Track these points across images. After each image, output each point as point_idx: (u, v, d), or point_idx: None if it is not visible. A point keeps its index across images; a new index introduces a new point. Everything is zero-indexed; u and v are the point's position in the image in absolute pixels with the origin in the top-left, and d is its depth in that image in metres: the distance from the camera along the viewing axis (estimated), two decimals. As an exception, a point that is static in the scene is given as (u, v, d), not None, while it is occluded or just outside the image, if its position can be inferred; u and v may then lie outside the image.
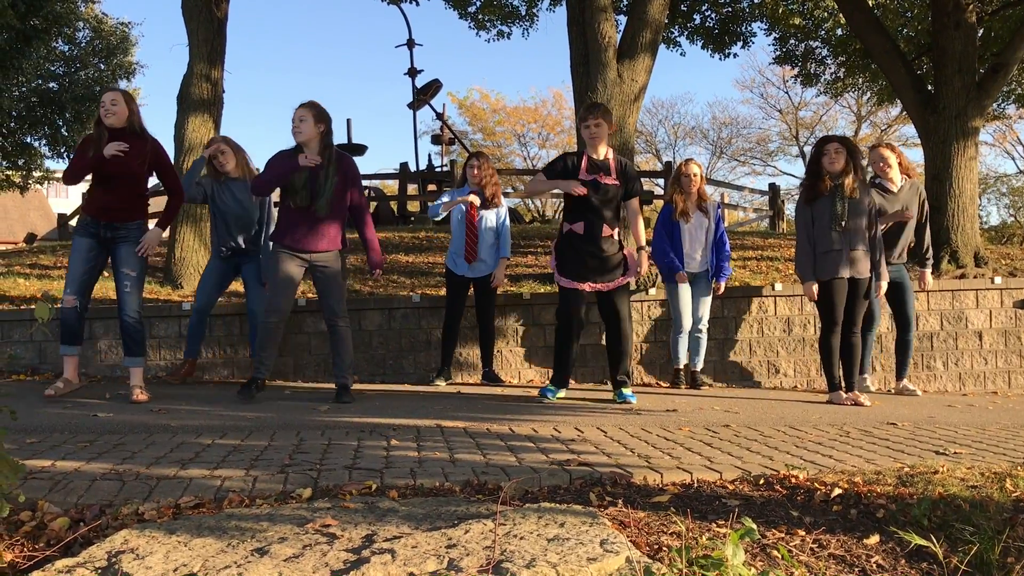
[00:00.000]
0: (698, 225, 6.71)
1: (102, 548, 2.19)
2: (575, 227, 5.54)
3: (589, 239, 5.51)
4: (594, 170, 5.52)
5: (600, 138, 5.53)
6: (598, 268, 5.52)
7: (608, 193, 5.53)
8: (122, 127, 5.21)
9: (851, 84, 15.85)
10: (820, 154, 5.86)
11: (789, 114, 38.18)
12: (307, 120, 5.23)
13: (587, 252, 5.51)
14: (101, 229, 5.27)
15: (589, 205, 5.50)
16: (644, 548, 2.33)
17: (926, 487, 3.00)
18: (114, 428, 4.16)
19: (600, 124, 5.49)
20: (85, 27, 18.56)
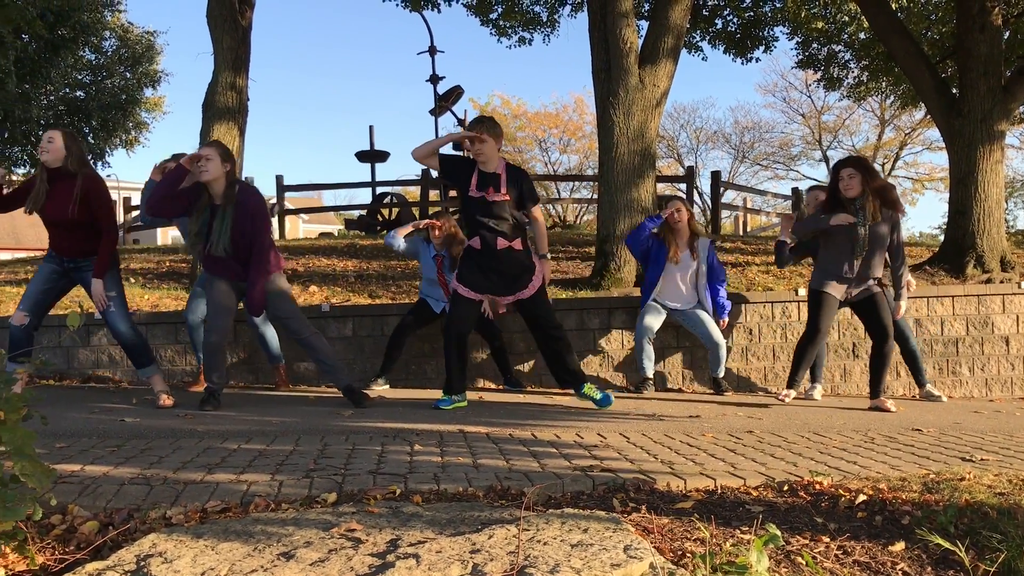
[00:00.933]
0: (685, 266, 6.60)
1: (131, 552, 2.22)
2: (472, 242, 5.42)
3: (487, 254, 5.35)
4: (483, 185, 5.34)
5: (486, 154, 5.31)
6: (494, 283, 5.38)
7: (498, 209, 5.33)
8: (57, 167, 5.09)
9: (874, 88, 15.76)
10: (836, 180, 5.79)
11: (812, 118, 37.95)
12: (214, 160, 5.11)
13: (487, 267, 5.37)
14: (64, 263, 5.29)
15: (481, 221, 5.33)
16: (668, 554, 2.34)
17: (952, 494, 2.98)
18: (141, 433, 4.21)
19: (484, 140, 5.28)
20: (111, 36, 18.80)
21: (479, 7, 13.74)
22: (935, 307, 7.59)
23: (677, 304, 6.65)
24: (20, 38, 14.02)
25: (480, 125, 5.35)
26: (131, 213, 18.10)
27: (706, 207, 29.14)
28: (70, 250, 5.27)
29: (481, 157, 5.34)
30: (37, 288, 5.27)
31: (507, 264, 5.38)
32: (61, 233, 5.21)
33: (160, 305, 7.52)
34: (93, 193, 5.15)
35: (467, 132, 5.38)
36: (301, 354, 6.96)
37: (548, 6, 14.12)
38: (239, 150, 8.49)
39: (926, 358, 7.52)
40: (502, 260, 5.36)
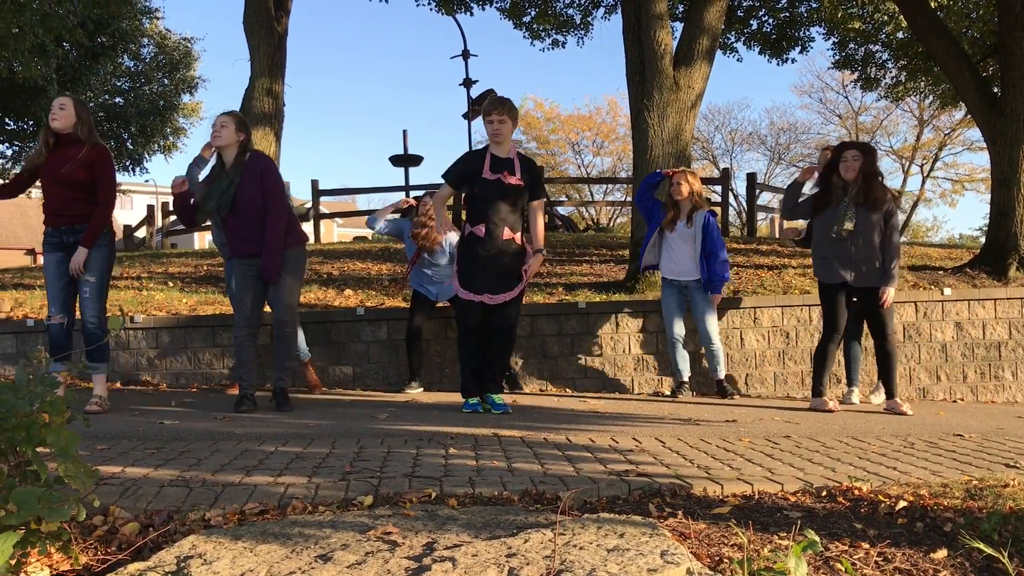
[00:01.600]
0: (680, 235, 6.53)
1: (171, 553, 2.24)
2: (476, 229, 5.32)
3: (489, 242, 5.30)
4: (498, 168, 5.30)
5: (503, 135, 5.30)
6: (492, 278, 5.32)
7: (512, 194, 5.31)
8: (68, 133, 5.15)
9: (913, 88, 15.56)
10: (837, 160, 5.77)
11: (849, 119, 37.53)
12: (228, 126, 5.27)
13: (485, 257, 5.31)
14: (63, 236, 5.22)
15: (491, 206, 5.29)
16: (705, 560, 2.32)
17: (996, 501, 2.93)
18: (180, 435, 4.26)
19: (504, 120, 5.28)
20: (150, 43, 19.08)
21: (512, 10, 13.76)
22: (976, 310, 7.48)
23: (682, 276, 6.56)
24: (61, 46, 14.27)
25: (501, 105, 5.33)
26: (168, 218, 18.34)
27: (741, 209, 28.92)
28: (70, 215, 5.19)
29: (499, 137, 5.32)
30: (57, 286, 5.23)
31: (507, 258, 5.35)
32: (62, 194, 5.16)
33: (198, 309, 7.61)
34: (100, 163, 5.19)
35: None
36: (337, 357, 7.02)
37: (581, 9, 14.11)
38: (275, 155, 8.58)
39: (967, 362, 7.41)
40: (503, 252, 5.33)
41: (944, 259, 10.18)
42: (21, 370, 2.25)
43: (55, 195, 5.19)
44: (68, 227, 5.21)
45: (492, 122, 5.29)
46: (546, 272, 9.17)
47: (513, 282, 5.37)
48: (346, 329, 7.03)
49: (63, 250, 5.23)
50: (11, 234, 38.77)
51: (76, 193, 5.18)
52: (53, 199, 5.21)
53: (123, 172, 19.53)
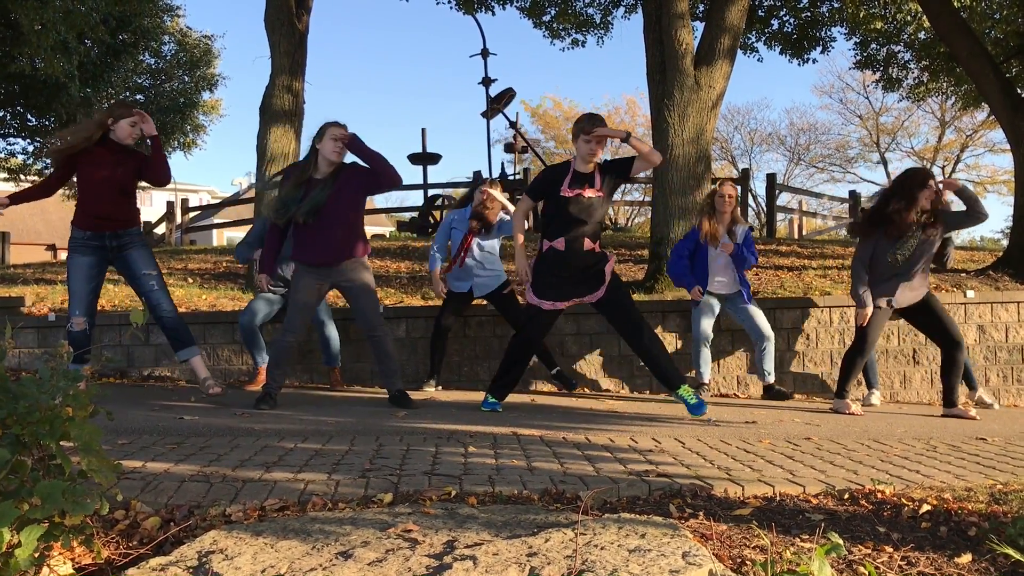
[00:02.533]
0: (720, 254, 6.49)
1: (192, 548, 2.25)
2: (556, 243, 5.23)
3: (571, 256, 5.21)
4: (578, 184, 5.20)
5: (595, 154, 5.19)
6: (578, 283, 5.26)
7: (592, 207, 5.20)
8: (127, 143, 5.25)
9: (935, 88, 15.42)
10: (920, 187, 5.64)
11: (869, 120, 37.29)
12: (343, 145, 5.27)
13: (568, 269, 5.24)
14: (106, 240, 5.24)
15: (570, 219, 5.19)
16: (727, 562, 2.30)
17: (1021, 505, 2.90)
18: (200, 431, 4.27)
19: (601, 139, 5.15)
20: (171, 41, 19.18)
21: (532, 9, 13.74)
22: (999, 313, 7.40)
23: (722, 289, 6.55)
24: (83, 43, 14.36)
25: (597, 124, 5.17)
26: (188, 215, 18.42)
27: (761, 210, 28.78)
28: (119, 220, 5.23)
29: (591, 158, 5.21)
30: (84, 288, 5.22)
31: (589, 265, 5.26)
32: (116, 200, 5.20)
33: (217, 305, 7.65)
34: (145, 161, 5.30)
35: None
36: (356, 354, 7.03)
37: (602, 8, 14.07)
38: (295, 152, 8.59)
39: (990, 366, 7.34)
40: (585, 262, 5.25)
41: (966, 261, 10.09)
42: (44, 364, 2.26)
43: (107, 200, 5.21)
44: (113, 232, 5.25)
45: (590, 142, 5.15)
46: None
47: (598, 282, 5.27)
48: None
49: (100, 254, 5.26)
50: (31, 229, 39.05)
51: (129, 199, 5.30)
52: (104, 204, 5.21)
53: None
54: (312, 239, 5.30)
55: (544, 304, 5.29)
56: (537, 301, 5.31)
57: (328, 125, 5.27)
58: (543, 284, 5.29)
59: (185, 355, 5.40)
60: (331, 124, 5.28)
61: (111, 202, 5.21)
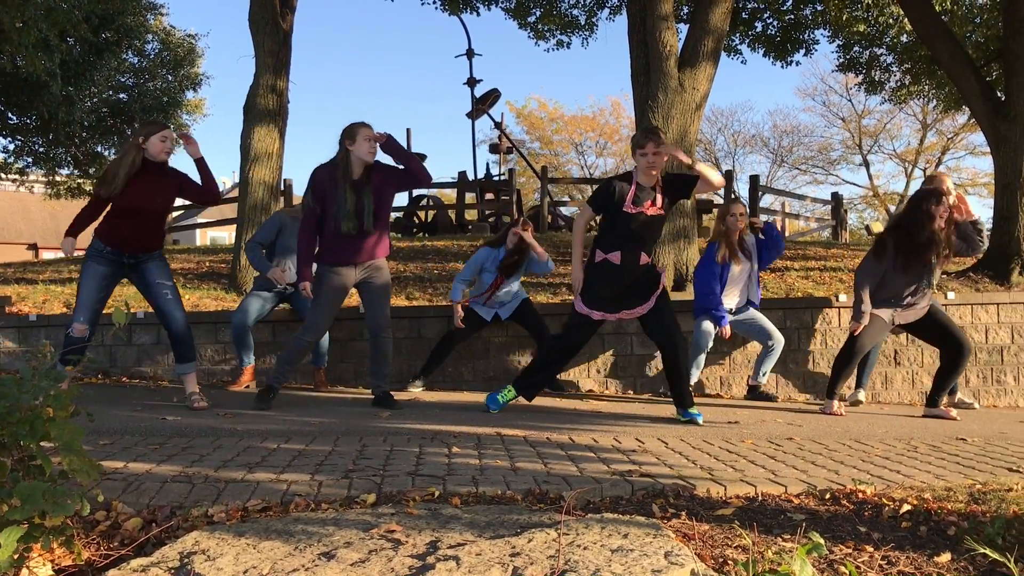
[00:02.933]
0: (742, 269, 6.56)
1: (174, 549, 2.24)
2: (611, 256, 5.16)
3: (626, 269, 5.16)
4: (641, 200, 5.10)
5: (656, 167, 5.07)
6: (625, 300, 5.22)
7: (652, 224, 5.17)
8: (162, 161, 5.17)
9: (917, 91, 15.53)
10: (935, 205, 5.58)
11: (852, 122, 37.50)
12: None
13: (621, 282, 5.19)
14: (124, 258, 5.18)
15: (629, 233, 5.12)
16: (709, 561, 2.31)
17: (1000, 505, 2.92)
18: (182, 431, 4.26)
19: (659, 154, 5.01)
20: (154, 39, 19.05)
21: (517, 10, 13.75)
22: (979, 314, 7.47)
23: (731, 303, 6.59)
24: (65, 41, 14.24)
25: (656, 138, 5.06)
26: (171, 214, 18.31)
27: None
28: (141, 244, 5.18)
29: (655, 170, 5.10)
30: (94, 298, 5.12)
31: (642, 277, 5.22)
32: (144, 223, 5.14)
33: (200, 305, 7.61)
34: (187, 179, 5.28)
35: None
36: (341, 355, 7.01)
37: (586, 9, 14.10)
38: (279, 152, 8.57)
39: (970, 366, 7.40)
40: (638, 275, 5.21)
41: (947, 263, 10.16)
42: (25, 364, 2.24)
43: (141, 225, 5.14)
44: (134, 254, 5.19)
45: (647, 155, 5.02)
46: (550, 273, 9.15)
47: (649, 292, 5.23)
48: (348, 327, 7.02)
49: (116, 267, 5.19)
50: (12, 228, 38.74)
51: (160, 223, 5.29)
52: (135, 228, 5.13)
53: (126, 168, 19.53)
54: (347, 241, 5.27)
55: (594, 314, 5.23)
56: (587, 311, 5.24)
57: (358, 125, 5.23)
58: (594, 294, 5.23)
59: (183, 370, 5.36)
60: (361, 124, 5.24)
61: (141, 227, 5.15)
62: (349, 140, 5.19)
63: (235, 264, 8.44)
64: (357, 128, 5.20)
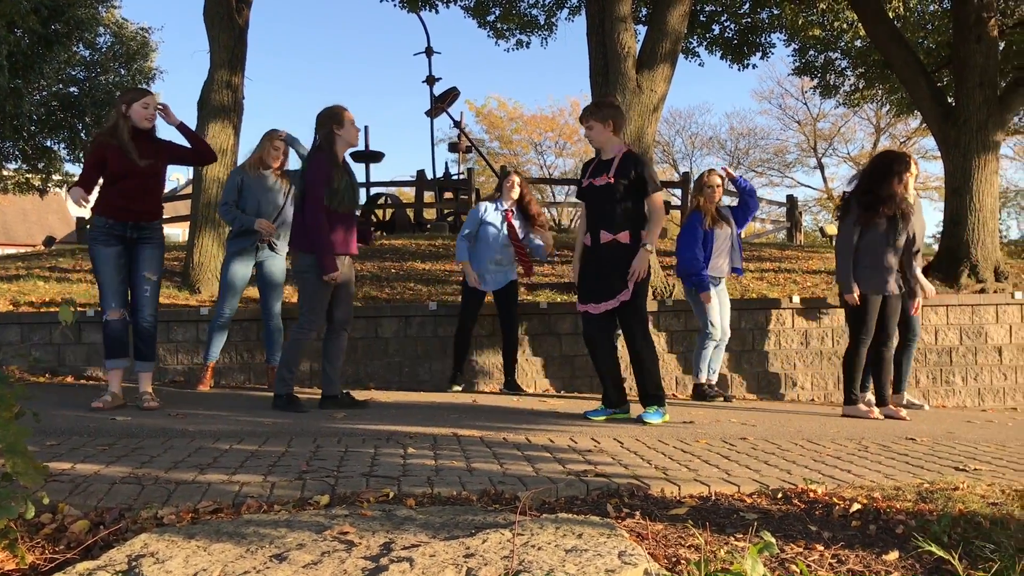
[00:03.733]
0: (725, 233, 6.67)
1: (122, 552, 2.20)
2: (585, 239, 5.22)
3: (593, 248, 5.14)
4: (594, 173, 5.17)
5: (595, 141, 5.21)
6: (594, 287, 5.12)
7: (599, 195, 5.09)
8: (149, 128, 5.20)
9: (870, 95, 15.80)
10: (895, 172, 5.67)
11: (807, 125, 38.06)
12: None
13: (590, 266, 5.16)
14: (128, 230, 5.13)
15: (591, 211, 5.17)
16: (662, 561, 2.33)
17: (946, 504, 2.98)
18: (132, 432, 4.18)
19: (591, 126, 5.13)
20: (106, 32, 18.73)
21: (476, 9, 13.73)
22: (929, 316, 7.61)
23: (719, 273, 6.70)
24: (13, 32, 13.93)
25: (584, 114, 5.22)
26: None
27: (700, 213, 29.07)
28: (142, 210, 5.16)
29: (594, 144, 5.28)
30: (116, 279, 5.11)
31: (607, 261, 5.07)
32: (143, 186, 5.15)
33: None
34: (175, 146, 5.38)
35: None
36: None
37: (546, 9, 14.12)
38: (233, 148, 8.47)
39: (920, 367, 7.53)
40: (603, 256, 5.09)
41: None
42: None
43: (133, 189, 5.12)
44: (135, 223, 5.15)
45: (583, 130, 5.28)
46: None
47: (612, 291, 5.05)
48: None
49: (124, 243, 5.15)
50: None
51: (155, 185, 5.27)
52: (127, 193, 5.11)
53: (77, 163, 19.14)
54: (351, 229, 5.35)
55: (579, 306, 5.28)
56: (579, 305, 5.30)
57: (343, 109, 5.33)
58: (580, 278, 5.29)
59: (140, 367, 5.27)
60: (344, 108, 5.34)
61: (138, 189, 5.14)
62: (338, 125, 5.26)
63: (188, 262, 8.32)
64: (343, 112, 5.31)
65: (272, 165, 6.18)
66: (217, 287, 7.86)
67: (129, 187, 5.11)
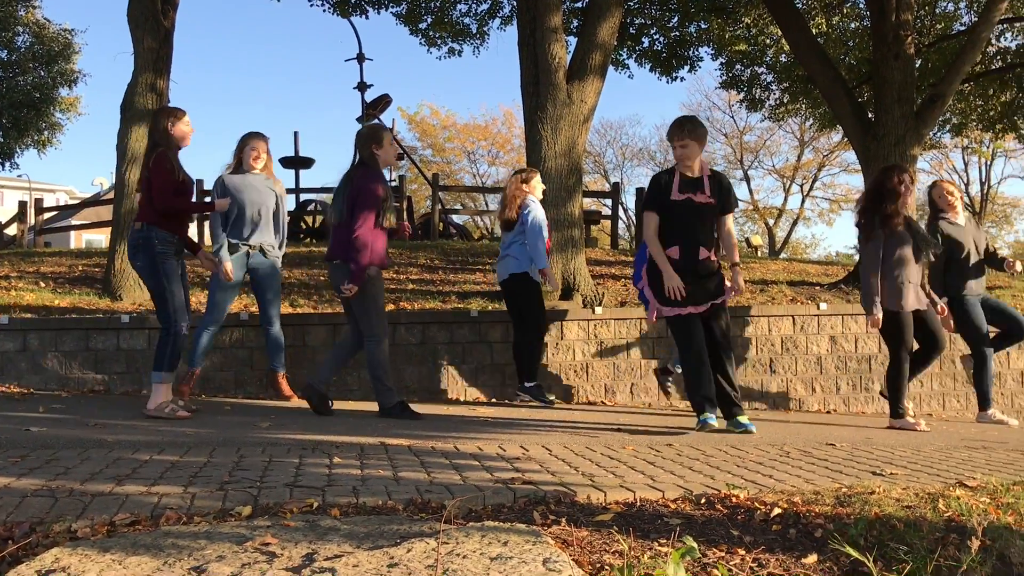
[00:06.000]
0: None
1: (31, 567, 2.13)
2: (670, 251, 5.25)
3: (685, 263, 5.23)
4: (687, 188, 5.24)
5: (689, 158, 5.28)
6: (695, 292, 5.23)
7: (702, 212, 5.26)
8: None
9: (794, 110, 16.19)
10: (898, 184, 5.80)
11: (734, 138, 38.89)
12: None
13: (684, 277, 5.22)
14: (179, 244, 5.36)
15: (684, 226, 5.24)
16: (587, 567, 2.34)
17: (863, 507, 3.06)
18: (47, 443, 4.05)
19: (686, 144, 5.25)
20: (25, 32, 18.20)
21: (408, 16, 13.68)
22: (850, 324, 7.81)
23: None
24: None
25: (680, 131, 5.28)
26: (42, 215, 17.51)
27: (631, 222, 29.49)
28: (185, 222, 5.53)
29: (685, 160, 5.30)
30: (182, 295, 5.34)
31: (704, 274, 5.26)
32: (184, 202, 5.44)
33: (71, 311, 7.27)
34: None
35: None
36: (222, 363, 6.81)
37: (478, 18, 14.14)
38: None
39: (840, 374, 7.73)
40: (699, 271, 5.25)
41: (821, 275, 10.61)
42: None
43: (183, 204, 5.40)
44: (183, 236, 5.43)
45: (675, 148, 5.32)
46: (439, 280, 9.14)
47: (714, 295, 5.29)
48: (229, 335, 6.84)
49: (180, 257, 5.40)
50: None
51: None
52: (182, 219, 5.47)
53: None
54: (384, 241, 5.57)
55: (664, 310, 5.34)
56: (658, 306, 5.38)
57: (383, 129, 5.65)
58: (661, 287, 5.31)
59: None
60: (386, 128, 5.67)
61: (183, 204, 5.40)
62: (377, 145, 5.47)
63: (110, 268, 8.09)
64: (383, 131, 5.64)
65: (253, 166, 6.06)
66: (139, 295, 7.70)
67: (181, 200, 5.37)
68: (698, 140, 5.30)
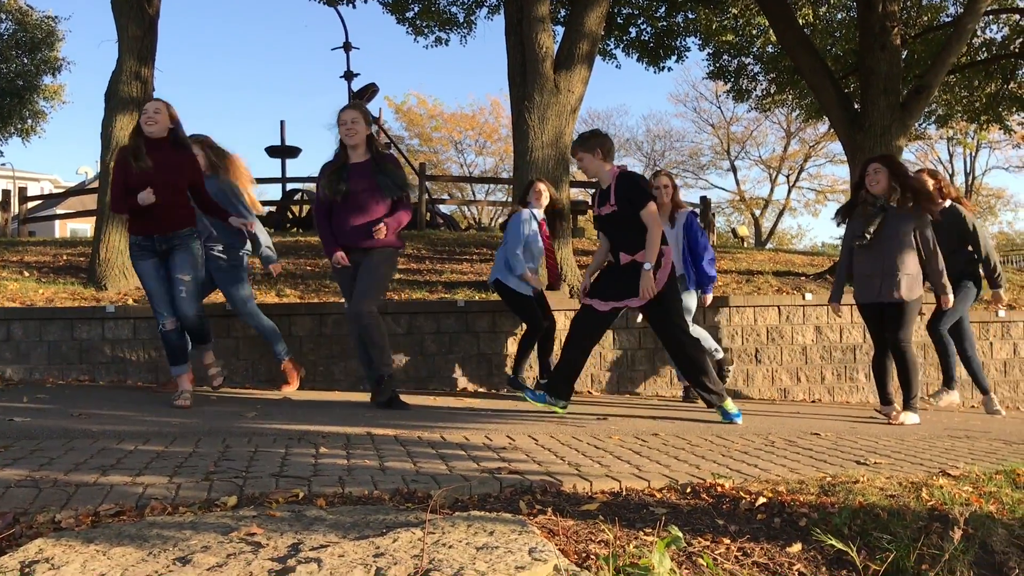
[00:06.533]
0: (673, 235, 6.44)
1: (14, 558, 2.12)
2: (608, 257, 5.51)
3: (615, 265, 5.38)
4: (601, 200, 5.35)
5: (589, 171, 5.41)
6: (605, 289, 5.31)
7: (612, 221, 5.30)
8: (162, 137, 5.16)
9: (781, 100, 16.23)
10: (863, 175, 5.84)
11: (721, 128, 38.92)
12: (359, 122, 5.49)
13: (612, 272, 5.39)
14: (156, 243, 5.21)
15: (607, 235, 5.42)
16: (572, 556, 2.35)
17: (847, 496, 3.07)
18: (32, 433, 4.03)
19: (581, 158, 5.34)
20: (8, 19, 18.03)
21: (395, 5, 13.64)
22: (834, 315, 7.84)
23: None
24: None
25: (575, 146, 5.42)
26: (26, 204, 17.39)
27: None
28: (171, 222, 5.19)
29: (588, 174, 5.47)
30: (159, 288, 5.23)
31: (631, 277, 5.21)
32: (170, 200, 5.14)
33: (55, 300, 7.23)
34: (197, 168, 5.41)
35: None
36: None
37: (465, 7, 14.11)
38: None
39: (825, 364, 7.77)
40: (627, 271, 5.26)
41: (807, 266, 10.66)
42: None
43: (156, 210, 5.10)
44: (163, 235, 5.20)
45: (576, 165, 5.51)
46: (426, 270, 9.13)
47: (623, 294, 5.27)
48: (216, 323, 6.80)
49: (157, 258, 5.23)
50: None
51: (181, 199, 5.24)
52: (152, 215, 5.13)
53: (-24, 154, 18.41)
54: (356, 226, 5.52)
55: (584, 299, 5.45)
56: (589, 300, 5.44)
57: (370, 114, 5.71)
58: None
59: (201, 350, 5.77)
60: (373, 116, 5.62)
61: (159, 210, 5.13)
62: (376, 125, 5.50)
63: (94, 258, 8.04)
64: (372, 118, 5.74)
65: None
66: (124, 284, 7.68)
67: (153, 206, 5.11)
68: (590, 151, 5.31)
